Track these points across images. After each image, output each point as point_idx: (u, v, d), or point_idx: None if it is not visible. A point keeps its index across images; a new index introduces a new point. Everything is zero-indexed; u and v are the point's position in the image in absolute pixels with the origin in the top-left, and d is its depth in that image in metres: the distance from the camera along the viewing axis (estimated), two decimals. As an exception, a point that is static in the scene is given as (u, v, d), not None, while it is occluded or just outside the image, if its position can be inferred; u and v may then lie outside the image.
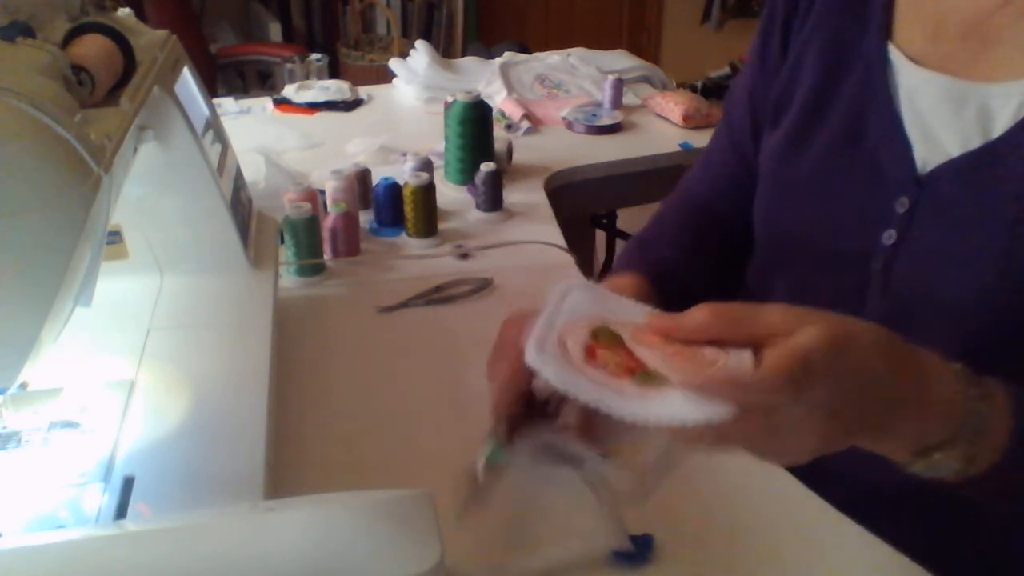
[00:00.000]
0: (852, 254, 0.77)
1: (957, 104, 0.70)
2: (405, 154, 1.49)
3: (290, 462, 0.82)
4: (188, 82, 0.90)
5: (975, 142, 0.68)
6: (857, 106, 0.77)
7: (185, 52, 0.93)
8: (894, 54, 0.75)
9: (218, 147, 0.96)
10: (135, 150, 0.76)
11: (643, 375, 0.49)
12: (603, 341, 0.51)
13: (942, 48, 0.72)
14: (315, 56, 2.33)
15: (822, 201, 0.79)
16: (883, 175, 0.74)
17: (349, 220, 1.27)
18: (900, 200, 0.73)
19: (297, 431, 0.88)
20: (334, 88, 2.02)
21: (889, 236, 0.74)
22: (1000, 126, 0.67)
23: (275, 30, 3.80)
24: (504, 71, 2.13)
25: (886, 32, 0.76)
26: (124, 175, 0.72)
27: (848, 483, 0.74)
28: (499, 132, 1.68)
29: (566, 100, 2.02)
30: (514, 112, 1.89)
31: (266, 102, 1.98)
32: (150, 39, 0.85)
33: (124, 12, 0.88)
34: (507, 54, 2.25)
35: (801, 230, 0.82)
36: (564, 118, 1.90)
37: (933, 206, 0.71)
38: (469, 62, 2.23)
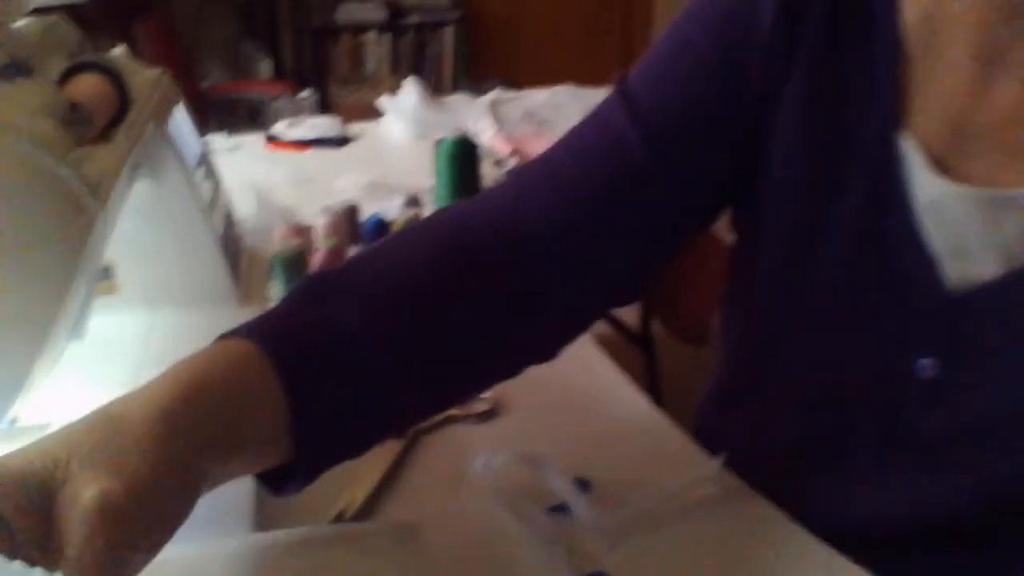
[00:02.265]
0: (876, 382, 0.67)
1: (989, 216, 0.59)
2: (394, 190, 1.51)
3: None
4: (181, 120, 0.91)
5: (1015, 261, 0.59)
6: (871, 203, 0.64)
7: (178, 90, 0.94)
8: (908, 149, 0.62)
9: (209, 184, 0.97)
10: (129, 187, 0.77)
11: None
12: None
13: (966, 148, 0.61)
14: (305, 92, 2.35)
15: (834, 324, 0.68)
16: (907, 297, 0.63)
17: (338, 256, 1.28)
18: (929, 330, 0.63)
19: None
20: (324, 124, 2.04)
21: (921, 368, 0.64)
22: None
23: (265, 67, 3.83)
24: (492, 108, 2.16)
25: (896, 119, 0.63)
26: (118, 211, 0.73)
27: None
28: (487, 169, 1.69)
29: (553, 137, 2.04)
30: (502, 148, 1.91)
31: (257, 138, 2.00)
32: (144, 77, 0.86)
33: (119, 50, 0.89)
34: (496, 91, 2.28)
35: (809, 348, 0.70)
36: (552, 155, 1.91)
37: (967, 343, 0.62)
38: (458, 99, 2.26)
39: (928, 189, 0.61)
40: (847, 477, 0.69)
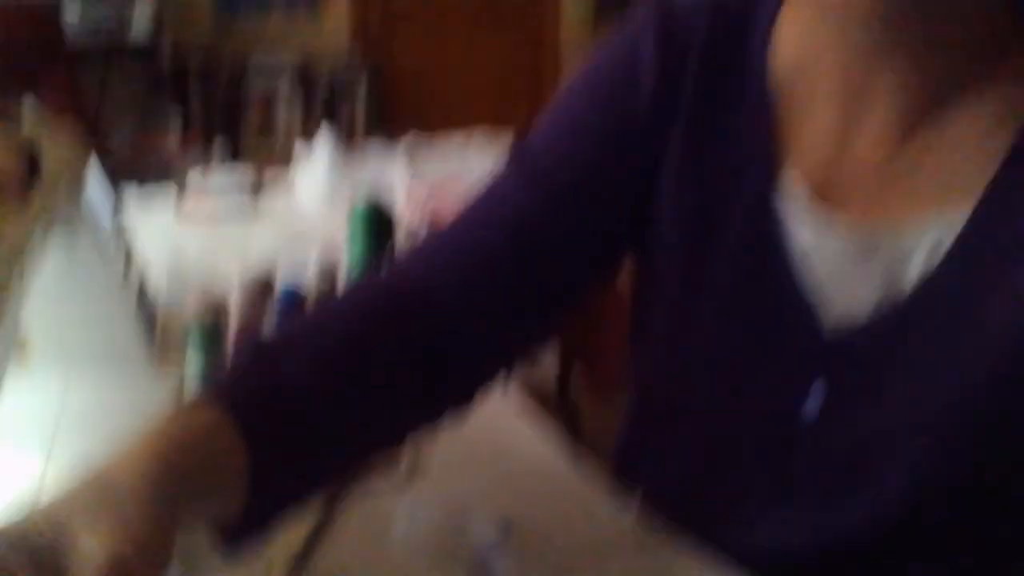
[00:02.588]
0: (768, 420, 0.69)
1: (862, 258, 0.62)
2: (309, 252, 1.50)
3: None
4: (94, 183, 0.91)
5: (890, 293, 0.62)
6: (752, 248, 0.67)
7: (91, 152, 0.94)
8: (787, 190, 0.65)
9: (122, 245, 0.97)
10: (42, 251, 0.77)
11: None
12: None
13: (838, 189, 0.64)
14: (218, 147, 2.34)
15: (723, 365, 0.70)
16: (790, 339, 0.66)
17: (254, 329, 1.27)
18: (811, 369, 0.66)
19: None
20: (238, 178, 2.03)
21: (808, 404, 0.66)
22: (914, 271, 0.61)
23: (175, 121, 3.80)
24: (407, 157, 2.18)
25: (773, 167, 0.66)
26: (32, 278, 0.72)
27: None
28: (403, 225, 1.71)
29: (468, 184, 2.07)
30: (417, 197, 1.93)
31: (168, 198, 1.98)
32: (56, 139, 0.86)
33: (28, 103, 0.89)
34: (410, 139, 2.31)
35: (699, 388, 0.73)
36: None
37: (849, 380, 0.64)
38: (372, 150, 2.28)
39: (803, 233, 0.64)
40: (749, 513, 0.72)
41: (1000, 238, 0.58)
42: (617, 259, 0.77)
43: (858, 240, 0.62)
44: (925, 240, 0.60)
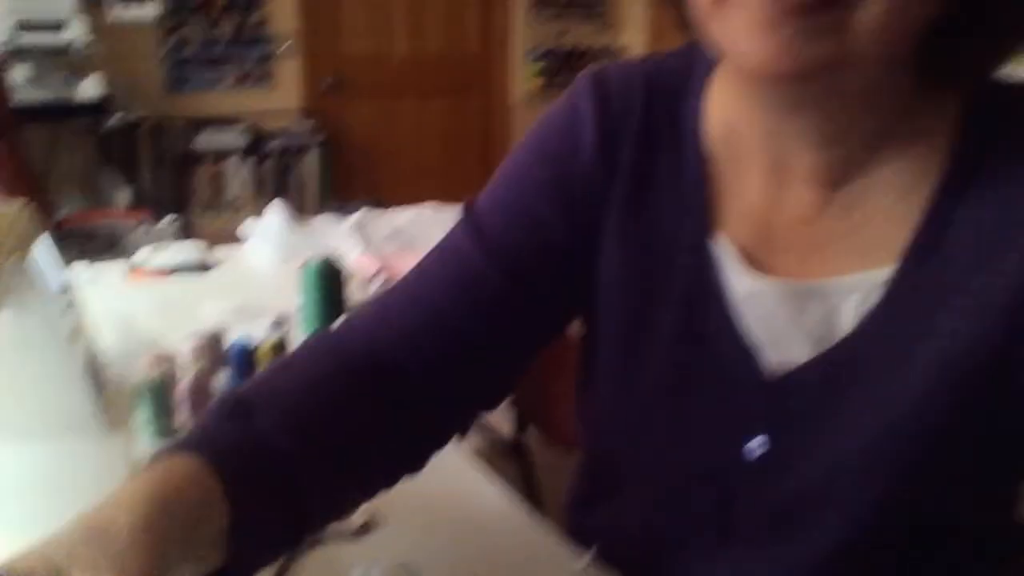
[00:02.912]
0: (712, 468, 0.71)
1: (796, 309, 0.65)
2: (261, 315, 1.51)
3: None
4: (44, 251, 0.91)
5: (824, 345, 0.65)
6: (690, 303, 0.70)
7: (39, 221, 0.95)
8: (722, 248, 0.69)
9: (72, 314, 0.96)
10: (-10, 320, 0.77)
11: None
12: None
13: (771, 248, 0.68)
14: (167, 219, 2.34)
15: (669, 413, 0.72)
16: (732, 385, 0.68)
17: (203, 383, 1.27)
18: (754, 415, 0.68)
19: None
20: (188, 250, 2.03)
21: (750, 450, 0.68)
22: (846, 323, 0.64)
23: (123, 195, 3.78)
24: (358, 227, 2.19)
25: (708, 223, 0.69)
26: (-22, 346, 0.72)
27: None
28: (354, 288, 1.72)
29: (419, 256, 2.09)
30: (368, 268, 1.94)
31: (118, 267, 1.97)
32: (6, 210, 0.87)
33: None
34: (361, 211, 2.32)
35: (646, 441, 0.74)
36: (418, 271, 1.95)
37: (789, 424, 0.67)
38: (324, 220, 2.29)
39: (741, 285, 0.67)
40: (697, 559, 0.73)
41: (923, 288, 0.62)
42: (566, 316, 0.79)
43: (791, 295, 0.65)
44: (853, 295, 0.64)
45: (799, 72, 0.55)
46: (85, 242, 3.41)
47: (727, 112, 0.70)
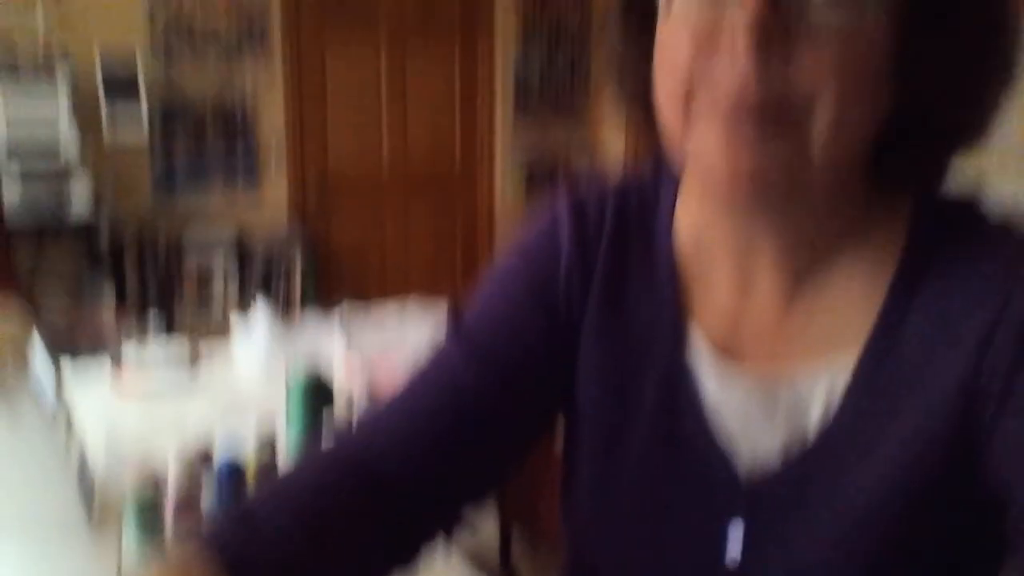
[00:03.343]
0: (691, 569, 0.71)
1: (767, 406, 0.68)
2: (248, 420, 1.52)
3: None
4: (39, 355, 0.93)
5: (796, 443, 0.66)
6: (666, 401, 0.72)
7: (33, 327, 0.97)
8: (694, 344, 0.71)
9: (63, 417, 0.98)
10: (-15, 424, 0.78)
11: None
12: None
13: (741, 341, 0.70)
14: (152, 318, 2.36)
15: (647, 509, 0.73)
16: (708, 483, 0.69)
17: (191, 500, 1.27)
18: (729, 512, 0.69)
19: None
20: (174, 349, 2.04)
21: (730, 553, 0.69)
22: (815, 410, 0.66)
23: (109, 293, 3.79)
24: (344, 327, 2.22)
25: (681, 327, 0.72)
26: (-26, 449, 0.73)
27: None
28: (339, 405, 1.73)
29: (404, 351, 2.11)
30: (353, 367, 1.96)
31: (104, 369, 1.97)
32: (5, 315, 0.89)
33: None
34: (346, 310, 2.35)
35: (626, 542, 0.75)
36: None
37: (765, 519, 0.68)
38: (309, 320, 2.31)
39: (713, 386, 0.69)
40: None
41: (886, 376, 0.64)
42: (550, 419, 0.81)
43: (761, 391, 0.68)
44: (820, 385, 0.66)
45: (764, 191, 0.59)
46: (72, 343, 3.42)
47: (694, 217, 0.74)
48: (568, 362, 0.77)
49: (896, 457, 0.63)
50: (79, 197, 3.63)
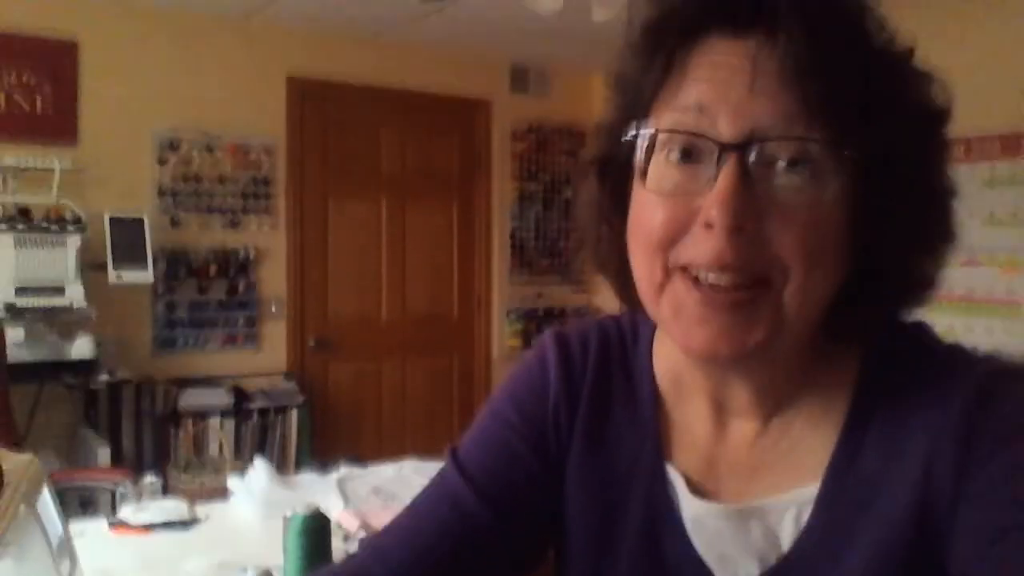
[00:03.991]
0: None
1: (741, 531, 0.72)
2: (245, 569, 1.50)
3: None
4: (47, 501, 0.94)
5: (770, 559, 0.70)
6: (649, 524, 0.76)
7: (44, 474, 0.98)
8: (673, 476, 0.76)
9: (67, 565, 0.97)
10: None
11: None
12: None
13: (716, 473, 0.75)
14: (149, 478, 2.35)
15: None
16: None
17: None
18: None
19: None
20: (171, 508, 2.03)
21: None
22: (786, 538, 0.70)
23: (103, 454, 3.76)
24: (340, 485, 2.21)
25: (663, 450, 0.77)
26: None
27: None
28: (337, 543, 1.72)
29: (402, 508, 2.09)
30: (351, 523, 1.94)
31: (101, 524, 1.96)
32: (16, 461, 0.90)
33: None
34: (343, 469, 2.34)
35: None
36: (402, 526, 1.95)
37: None
38: (306, 477, 2.30)
39: (691, 509, 0.74)
40: None
41: (845, 502, 0.69)
42: (544, 545, 0.84)
43: (735, 516, 0.72)
44: (788, 511, 0.71)
45: (739, 356, 0.65)
46: (62, 500, 3.36)
47: (672, 362, 0.80)
48: (556, 490, 0.82)
49: (865, 564, 0.67)
50: (81, 353, 3.67)
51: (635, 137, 0.68)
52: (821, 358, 0.72)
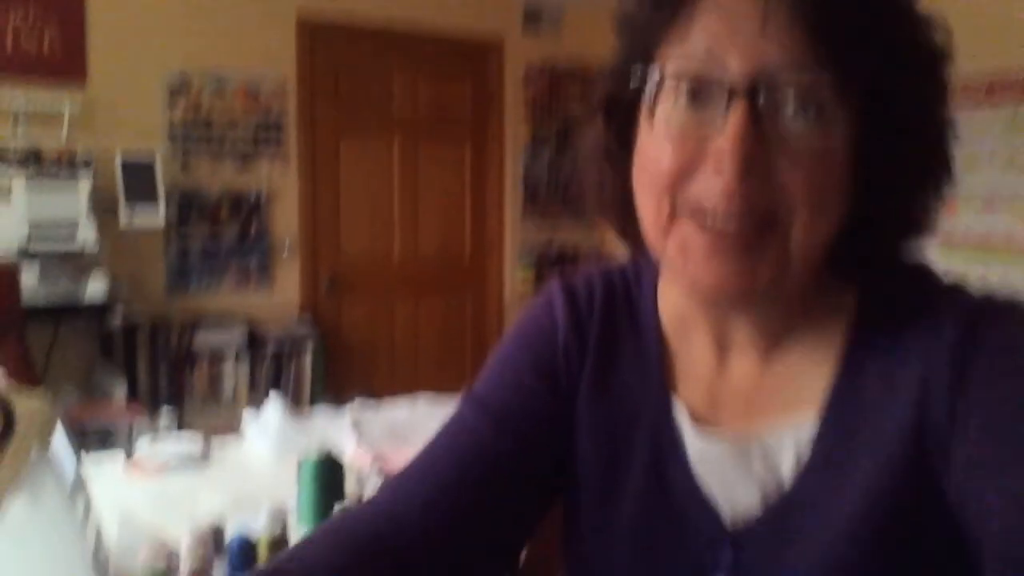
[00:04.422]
0: None
1: (743, 462, 0.74)
2: (259, 507, 1.53)
3: None
4: (60, 441, 0.95)
5: (771, 493, 0.72)
6: (655, 460, 0.78)
7: (57, 412, 0.99)
8: (678, 410, 0.78)
9: (82, 504, 0.99)
10: (9, 503, 0.80)
11: None
12: None
13: (718, 405, 0.78)
14: (164, 415, 2.38)
15: (641, 559, 0.78)
16: (695, 533, 0.75)
17: (202, 571, 1.28)
18: (717, 558, 0.74)
19: None
20: (186, 444, 2.06)
21: None
22: (786, 467, 0.72)
23: (120, 391, 3.82)
24: (354, 422, 2.23)
25: (668, 385, 0.80)
26: (-2, 530, 0.75)
27: None
28: (350, 482, 1.74)
29: (415, 447, 2.12)
30: (364, 461, 1.97)
31: (116, 460, 1.99)
32: (27, 402, 0.91)
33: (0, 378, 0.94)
34: (356, 406, 2.37)
35: None
36: (413, 465, 1.98)
37: (750, 562, 0.72)
38: (320, 414, 2.33)
39: (695, 442, 0.76)
40: None
41: (844, 432, 0.71)
42: (557, 487, 0.85)
43: (737, 446, 0.75)
44: (787, 441, 0.73)
45: (746, 295, 0.67)
46: (82, 436, 3.42)
47: (675, 303, 0.82)
48: (567, 427, 0.83)
49: (865, 490, 0.68)
50: (95, 293, 3.70)
51: (643, 81, 0.69)
52: (820, 295, 0.74)
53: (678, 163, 0.66)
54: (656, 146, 0.68)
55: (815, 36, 0.62)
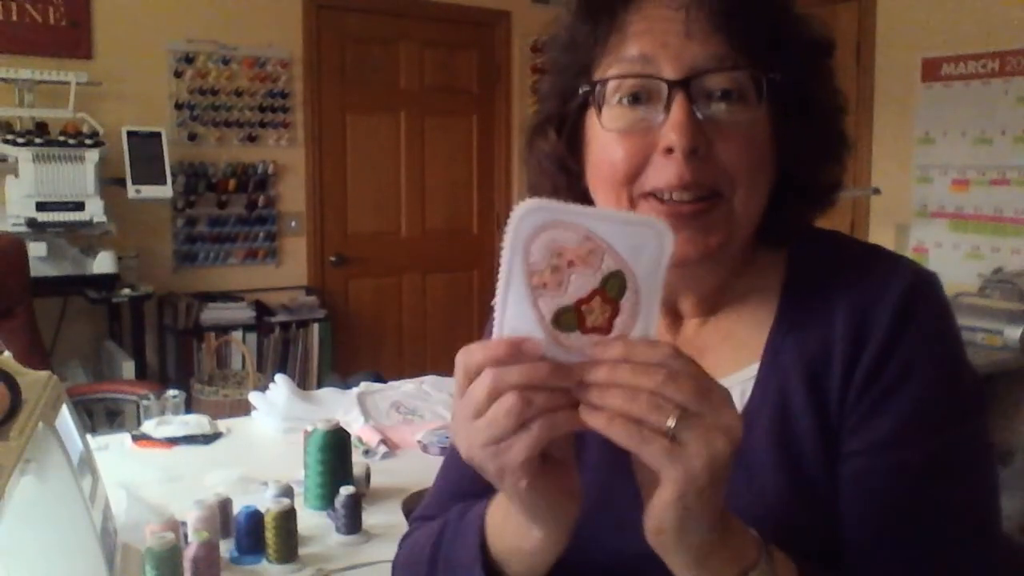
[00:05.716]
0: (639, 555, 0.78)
1: None
2: (266, 483, 1.53)
3: None
4: (67, 418, 0.95)
5: None
6: None
7: (64, 390, 0.98)
8: None
9: (89, 479, 0.99)
10: (16, 484, 0.80)
11: None
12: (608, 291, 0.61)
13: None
14: (171, 392, 2.38)
15: (602, 501, 0.82)
16: None
17: (210, 549, 1.28)
18: None
19: None
20: (193, 422, 2.06)
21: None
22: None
23: (128, 368, 3.82)
24: (361, 400, 2.23)
25: None
26: (4, 508, 0.75)
27: None
28: (357, 457, 1.74)
29: (421, 425, 2.12)
30: (371, 438, 1.97)
31: (124, 438, 1.99)
32: (33, 379, 0.91)
33: (6, 355, 0.94)
34: (363, 384, 2.36)
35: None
36: (419, 441, 1.98)
37: None
38: (327, 392, 2.32)
39: None
40: None
41: (779, 379, 0.80)
42: None
43: None
44: (736, 390, 0.80)
45: (703, 257, 0.77)
46: (84, 413, 3.43)
47: None
48: None
49: (805, 423, 0.77)
50: (102, 268, 3.70)
51: (590, 89, 0.80)
52: (754, 263, 0.85)
53: (630, 155, 0.76)
54: (608, 144, 0.78)
55: (732, 39, 0.75)
